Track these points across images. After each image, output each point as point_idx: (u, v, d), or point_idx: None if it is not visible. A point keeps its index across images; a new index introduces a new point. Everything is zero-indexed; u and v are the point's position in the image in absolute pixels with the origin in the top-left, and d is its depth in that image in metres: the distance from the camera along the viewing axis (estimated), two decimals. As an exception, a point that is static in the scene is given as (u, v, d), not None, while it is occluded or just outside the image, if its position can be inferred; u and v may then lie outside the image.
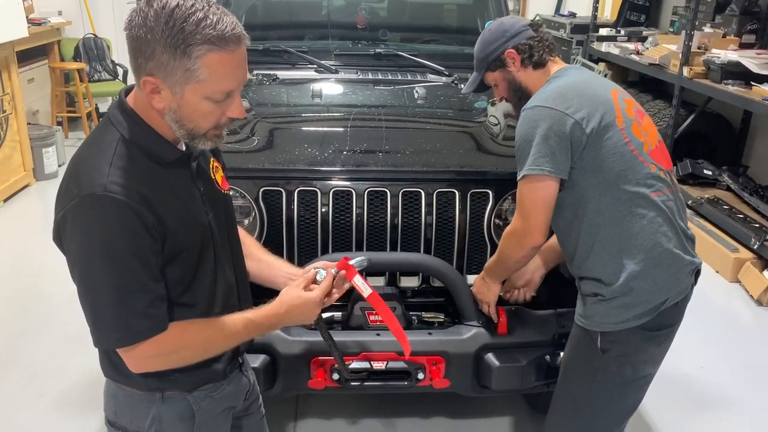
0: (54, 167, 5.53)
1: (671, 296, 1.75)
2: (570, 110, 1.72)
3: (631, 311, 1.74)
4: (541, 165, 1.71)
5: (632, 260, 1.72)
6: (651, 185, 1.74)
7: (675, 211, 1.77)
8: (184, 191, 1.31)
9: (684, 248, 1.77)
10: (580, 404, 1.88)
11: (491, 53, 1.93)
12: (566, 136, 1.71)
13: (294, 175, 2.17)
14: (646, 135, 1.79)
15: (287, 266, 1.64)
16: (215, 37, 1.15)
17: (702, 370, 3.20)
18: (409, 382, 2.04)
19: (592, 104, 1.74)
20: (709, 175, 4.94)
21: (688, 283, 1.79)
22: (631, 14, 6.58)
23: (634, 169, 1.73)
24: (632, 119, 1.78)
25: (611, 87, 1.85)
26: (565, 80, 1.82)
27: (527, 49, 1.89)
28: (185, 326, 1.31)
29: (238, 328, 1.36)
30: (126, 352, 1.26)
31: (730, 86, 4.41)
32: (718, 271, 4.22)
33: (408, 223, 2.18)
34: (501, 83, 1.97)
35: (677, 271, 1.75)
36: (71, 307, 3.48)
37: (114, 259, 1.18)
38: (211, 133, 1.27)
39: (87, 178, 1.19)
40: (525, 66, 1.91)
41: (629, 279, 1.72)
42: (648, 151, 1.76)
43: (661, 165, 1.78)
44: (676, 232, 1.76)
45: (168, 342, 1.28)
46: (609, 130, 1.73)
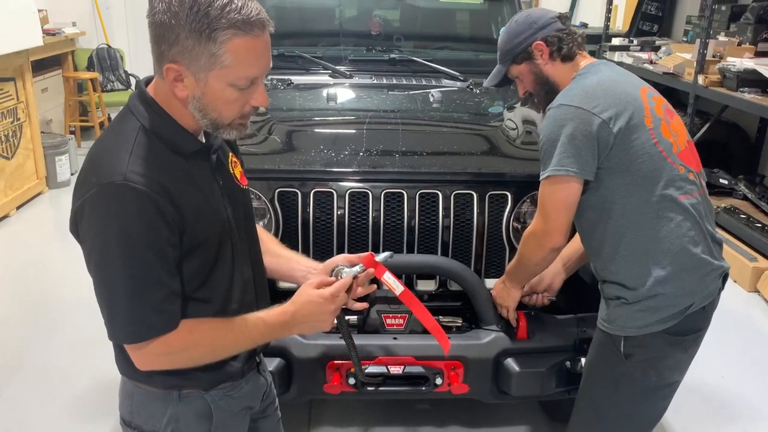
0: (67, 175, 5.55)
1: (697, 300, 1.69)
2: (597, 109, 1.67)
3: (655, 315, 1.69)
4: (567, 165, 1.67)
5: (658, 264, 1.68)
6: (680, 187, 1.68)
7: (703, 214, 1.72)
8: (203, 184, 1.28)
9: (711, 252, 1.72)
10: (602, 411, 1.83)
11: (518, 45, 1.86)
12: (593, 136, 1.66)
13: (310, 176, 2.15)
14: (676, 135, 1.74)
15: (306, 260, 1.60)
16: (241, 21, 1.13)
17: (723, 380, 3.14)
18: (427, 387, 2.00)
19: (620, 103, 1.69)
20: (725, 184, 4.88)
21: (715, 288, 1.74)
22: (643, 24, 6.56)
23: (663, 170, 1.68)
24: (661, 118, 1.73)
25: (640, 85, 1.80)
26: (593, 78, 1.77)
27: (556, 41, 1.83)
28: (195, 324, 1.28)
29: (248, 328, 1.32)
30: (135, 348, 1.23)
31: (746, 94, 4.36)
32: (736, 281, 4.15)
33: (425, 225, 2.15)
34: (527, 76, 1.90)
35: (704, 275, 1.70)
36: (83, 311, 3.49)
37: (130, 250, 1.16)
38: (236, 122, 1.25)
39: (106, 167, 1.17)
40: (553, 59, 1.85)
41: (655, 283, 1.68)
42: (677, 152, 1.71)
43: (690, 167, 1.73)
44: (704, 236, 1.71)
45: (177, 340, 1.25)
46: (637, 130, 1.68)
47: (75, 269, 4.17)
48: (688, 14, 6.09)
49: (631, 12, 6.89)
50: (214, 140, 1.32)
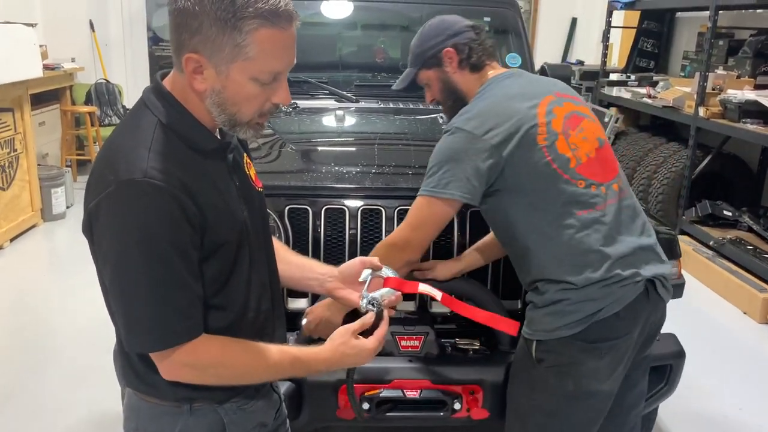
0: (62, 208, 5.46)
1: (605, 307, 1.63)
2: (488, 135, 1.66)
3: (561, 320, 1.65)
4: (450, 188, 1.67)
5: (562, 274, 1.65)
6: (580, 203, 1.66)
7: (612, 224, 1.68)
8: (221, 183, 1.22)
9: (623, 261, 1.65)
10: (524, 417, 1.77)
11: (429, 49, 1.85)
12: (482, 161, 1.66)
13: (321, 193, 2.08)
14: (576, 148, 1.70)
15: (320, 266, 1.51)
16: (268, 11, 1.08)
17: (741, 411, 3.04)
18: (445, 412, 1.90)
19: (511, 126, 1.67)
20: (729, 216, 4.85)
21: (628, 295, 1.65)
22: (640, 60, 6.64)
23: (558, 189, 1.66)
24: (559, 133, 1.69)
25: (543, 96, 1.75)
26: (491, 98, 1.75)
27: (466, 50, 1.83)
28: (227, 342, 1.20)
29: (284, 362, 1.25)
30: (162, 357, 1.15)
31: (749, 125, 4.37)
32: (746, 313, 4.07)
33: (439, 243, 2.08)
34: (435, 83, 1.89)
35: (610, 284, 1.63)
36: (77, 343, 3.39)
37: (153, 250, 1.08)
38: (254, 121, 1.19)
39: (125, 164, 1.10)
40: (462, 67, 1.84)
41: (559, 289, 1.66)
42: (576, 166, 1.68)
43: (593, 179, 1.69)
44: (613, 245, 1.66)
45: (207, 354, 1.17)
46: (529, 150, 1.66)
47: (69, 301, 4.12)
48: (685, 50, 6.16)
49: (627, 49, 6.99)
50: (230, 139, 1.26)
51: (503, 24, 3.42)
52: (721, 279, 4.31)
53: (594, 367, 1.67)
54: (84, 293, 3.93)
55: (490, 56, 1.87)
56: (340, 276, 1.45)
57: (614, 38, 6.88)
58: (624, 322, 1.67)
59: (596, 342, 1.65)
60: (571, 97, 1.83)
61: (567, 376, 1.68)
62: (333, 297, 1.47)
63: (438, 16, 1.92)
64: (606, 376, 1.69)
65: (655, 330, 1.82)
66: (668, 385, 2.10)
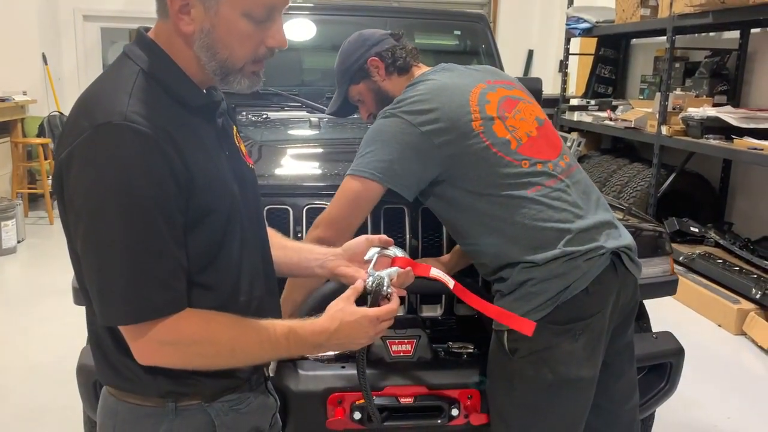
0: (13, 242, 5.18)
1: (573, 283, 1.57)
2: (417, 121, 1.64)
3: (529, 303, 1.58)
4: (373, 170, 1.64)
5: (521, 254, 1.60)
6: (525, 183, 1.63)
7: (567, 198, 1.64)
8: (211, 146, 1.10)
9: (583, 235, 1.61)
10: (506, 416, 1.68)
11: (354, 63, 1.86)
12: (412, 149, 1.63)
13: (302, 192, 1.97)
14: (514, 129, 1.68)
15: (318, 248, 1.39)
16: None
17: (729, 420, 2.99)
18: (442, 419, 1.77)
19: (444, 114, 1.65)
20: (695, 232, 4.89)
21: (594, 269, 1.59)
22: (598, 87, 6.76)
23: (501, 171, 1.63)
24: (495, 117, 1.67)
25: (474, 84, 1.73)
26: (422, 88, 1.73)
27: (390, 55, 1.83)
28: (212, 316, 1.06)
29: (277, 335, 1.10)
30: (136, 334, 1.00)
31: (711, 140, 4.44)
32: (720, 325, 4.07)
33: (428, 242, 1.98)
34: (366, 96, 1.88)
35: (573, 258, 1.58)
36: (30, 381, 3.15)
37: (132, 206, 0.95)
38: (249, 68, 1.08)
39: (102, 108, 0.98)
40: (390, 73, 1.84)
41: (521, 271, 1.60)
42: (517, 147, 1.66)
43: (537, 157, 1.66)
44: (569, 219, 1.61)
45: (189, 329, 1.02)
46: (465, 138, 1.64)
47: (20, 339, 3.85)
48: (643, 73, 6.30)
49: (583, 77, 7.13)
50: (219, 99, 1.15)
51: (473, 37, 3.41)
52: (694, 294, 4.31)
53: (569, 350, 1.60)
54: (36, 330, 3.70)
55: (415, 58, 1.87)
56: (345, 254, 1.34)
57: (571, 67, 7.01)
58: (594, 299, 1.60)
59: (568, 323, 1.59)
60: (505, 82, 1.81)
61: (543, 365, 1.60)
62: (336, 276, 1.35)
63: (355, 33, 1.92)
64: (583, 359, 1.61)
65: (630, 309, 1.75)
66: (669, 384, 2.02)
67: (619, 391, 1.80)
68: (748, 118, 4.40)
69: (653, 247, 2.14)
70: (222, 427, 1.13)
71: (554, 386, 1.61)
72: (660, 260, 2.14)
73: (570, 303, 1.58)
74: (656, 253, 2.14)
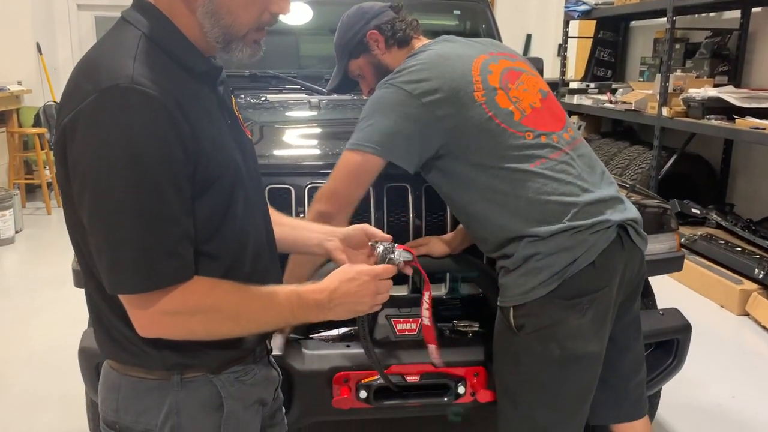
0: (11, 232, 5.14)
1: (580, 257, 1.55)
2: (417, 92, 1.61)
3: (536, 278, 1.56)
4: (373, 143, 1.61)
5: (526, 228, 1.58)
6: (528, 156, 1.60)
7: (572, 171, 1.61)
8: (214, 113, 1.07)
9: (588, 208, 1.59)
10: (513, 394, 1.66)
11: (353, 37, 1.82)
12: (411, 120, 1.60)
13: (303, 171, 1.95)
14: (517, 100, 1.64)
15: (317, 226, 1.37)
16: None
17: (734, 399, 2.98)
18: (449, 397, 1.76)
19: (445, 84, 1.61)
20: (697, 213, 4.87)
21: (600, 242, 1.57)
22: (597, 70, 6.73)
23: (504, 143, 1.60)
24: (497, 88, 1.64)
25: (476, 55, 1.70)
26: (422, 57, 1.69)
27: (389, 28, 1.80)
28: (215, 283, 1.03)
29: (279, 300, 1.08)
30: (140, 305, 0.98)
31: (713, 120, 4.41)
32: (723, 306, 4.06)
33: (433, 220, 1.96)
34: (366, 70, 1.85)
35: (579, 231, 1.56)
36: (31, 370, 3.13)
37: (140, 173, 0.92)
38: (251, 36, 1.05)
39: (106, 72, 0.95)
40: (389, 46, 1.81)
41: (527, 245, 1.58)
42: (521, 118, 1.62)
43: (541, 129, 1.63)
44: (574, 192, 1.59)
45: (192, 297, 1.00)
46: (467, 108, 1.60)
47: (20, 328, 3.82)
48: (642, 55, 6.26)
49: (582, 61, 7.09)
50: (218, 62, 1.12)
51: (473, 17, 3.37)
52: (696, 275, 4.29)
53: (576, 325, 1.58)
54: (35, 319, 3.68)
55: (415, 30, 1.84)
56: (344, 238, 1.32)
57: (570, 50, 6.97)
58: (601, 273, 1.58)
59: (575, 297, 1.57)
60: (508, 54, 1.78)
61: (551, 340, 1.58)
62: (332, 258, 1.33)
63: (353, 6, 1.88)
64: (591, 334, 1.59)
65: (636, 284, 1.73)
66: (676, 361, 2.01)
67: (626, 367, 1.79)
68: (749, 98, 4.37)
69: (658, 223, 2.12)
70: (229, 398, 1.11)
71: (562, 362, 1.59)
72: (665, 236, 2.12)
73: (577, 277, 1.55)
74: (662, 229, 2.12)
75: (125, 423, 1.09)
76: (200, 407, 1.09)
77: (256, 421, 1.19)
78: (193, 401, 1.08)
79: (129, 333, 1.04)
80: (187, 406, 1.08)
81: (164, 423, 1.07)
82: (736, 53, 5.05)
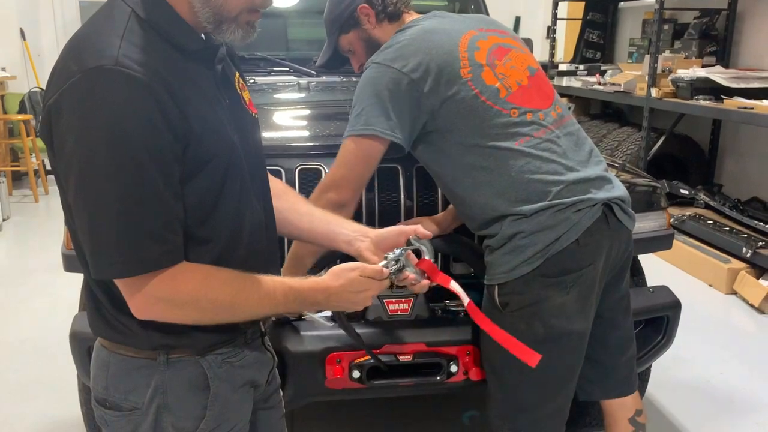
0: (-2, 220, 5.11)
1: (563, 234, 1.55)
2: (406, 68, 1.60)
3: (519, 256, 1.57)
4: (372, 125, 1.60)
5: (509, 207, 1.58)
6: (513, 134, 1.59)
7: (557, 149, 1.61)
8: (209, 93, 1.06)
9: (573, 187, 1.59)
10: (499, 372, 1.68)
11: (343, 11, 1.79)
12: (402, 96, 1.60)
13: (294, 153, 1.94)
14: (504, 77, 1.63)
15: (349, 222, 1.35)
16: None
17: (722, 376, 3.02)
18: (441, 376, 1.76)
19: (432, 60, 1.61)
20: (685, 194, 4.90)
21: (583, 220, 1.57)
22: (586, 52, 6.72)
23: (489, 121, 1.60)
24: (484, 64, 1.63)
25: (465, 30, 1.69)
26: (410, 33, 1.68)
27: (380, 2, 1.77)
28: (211, 272, 1.03)
29: (276, 292, 1.08)
30: (132, 289, 0.98)
31: (701, 101, 4.43)
32: (711, 285, 4.10)
33: (424, 200, 1.96)
34: (357, 45, 1.83)
35: (562, 209, 1.56)
36: (21, 355, 3.12)
37: (124, 154, 0.91)
38: (243, 18, 1.04)
39: (92, 52, 0.94)
40: (380, 21, 1.79)
41: (511, 224, 1.58)
42: (507, 96, 1.62)
43: (527, 107, 1.62)
44: (559, 171, 1.59)
45: (187, 285, 1.00)
46: (453, 85, 1.60)
47: (10, 315, 3.80)
48: (631, 37, 6.26)
49: (571, 44, 7.08)
50: (218, 44, 1.10)
51: None
52: (685, 254, 4.33)
53: (560, 303, 1.58)
54: (24, 306, 3.66)
55: (406, 4, 1.81)
56: (374, 239, 1.31)
57: (559, 32, 6.95)
58: (585, 251, 1.58)
59: (559, 276, 1.57)
60: (497, 30, 1.77)
61: (535, 318, 1.59)
62: (361, 258, 1.31)
63: None
64: (575, 312, 1.60)
65: (623, 262, 1.74)
66: (666, 338, 2.02)
67: (615, 344, 1.80)
68: (737, 78, 4.39)
69: (648, 201, 2.13)
70: (215, 379, 1.11)
71: (546, 340, 1.59)
72: (655, 215, 2.13)
73: (560, 255, 1.56)
74: (651, 207, 2.13)
75: (114, 400, 1.09)
76: (186, 387, 1.09)
77: (247, 403, 1.19)
78: (179, 381, 1.08)
79: (117, 313, 1.04)
80: (174, 385, 1.08)
81: (151, 401, 1.07)
82: (725, 34, 5.06)
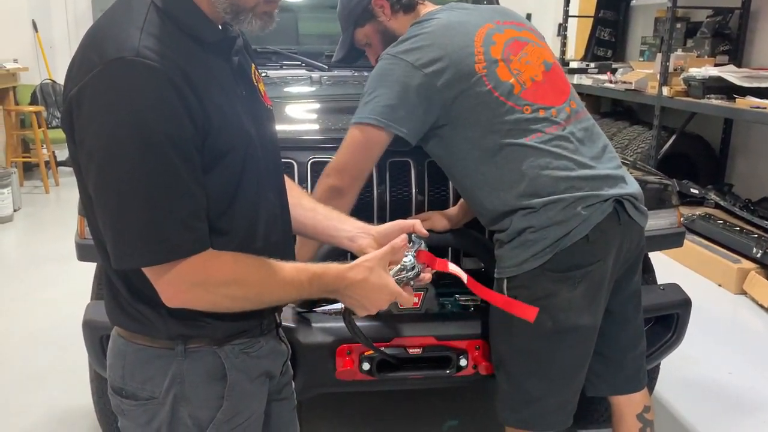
0: (9, 210, 5.13)
1: (573, 230, 1.55)
2: (420, 62, 1.60)
3: (529, 250, 1.57)
4: (379, 115, 1.61)
5: (518, 198, 1.59)
6: (525, 131, 1.59)
7: (568, 146, 1.61)
8: (227, 84, 1.06)
9: (583, 182, 1.58)
10: (507, 365, 1.68)
11: (357, 5, 1.80)
12: (414, 91, 1.60)
13: (306, 145, 1.94)
14: (519, 73, 1.63)
15: (352, 220, 1.34)
16: None
17: (731, 375, 3.01)
18: (451, 369, 1.77)
19: (446, 54, 1.61)
20: (696, 193, 4.88)
21: (593, 216, 1.57)
22: (598, 50, 6.70)
23: (501, 117, 1.59)
24: (499, 60, 1.63)
25: (481, 24, 1.68)
26: (426, 26, 1.68)
27: None
28: (239, 257, 1.04)
29: (300, 277, 1.08)
30: (161, 276, 0.98)
31: (713, 100, 4.41)
32: (721, 285, 4.08)
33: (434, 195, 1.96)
34: (374, 38, 1.83)
35: (572, 205, 1.56)
36: (33, 345, 3.14)
37: (148, 144, 0.92)
38: (261, 8, 1.04)
39: (113, 43, 0.94)
40: (395, 12, 1.78)
41: (520, 218, 1.59)
42: (520, 92, 1.61)
43: (540, 103, 1.62)
44: (570, 167, 1.59)
45: (219, 268, 1.00)
46: (467, 80, 1.60)
47: (21, 305, 3.83)
48: (643, 35, 6.23)
49: (582, 41, 7.06)
50: (235, 35, 1.11)
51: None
52: (695, 254, 4.31)
53: (568, 297, 1.58)
54: (36, 295, 3.69)
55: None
56: (377, 236, 1.30)
57: (570, 30, 6.93)
58: (595, 247, 1.58)
59: (568, 270, 1.58)
60: (514, 23, 1.76)
61: (543, 312, 1.56)
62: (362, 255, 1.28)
63: None
64: (583, 307, 1.60)
65: (635, 258, 1.74)
66: (676, 335, 2.02)
67: (625, 340, 1.80)
68: (750, 77, 4.36)
69: (659, 199, 2.13)
70: (232, 370, 1.12)
71: (553, 334, 1.60)
72: (666, 212, 2.13)
73: (569, 250, 1.56)
74: (663, 205, 2.12)
75: (131, 389, 1.10)
76: (204, 377, 1.10)
77: (263, 394, 1.20)
78: (196, 371, 1.09)
79: (135, 302, 1.05)
80: (191, 375, 1.09)
81: (168, 390, 1.08)
82: (738, 33, 5.03)
